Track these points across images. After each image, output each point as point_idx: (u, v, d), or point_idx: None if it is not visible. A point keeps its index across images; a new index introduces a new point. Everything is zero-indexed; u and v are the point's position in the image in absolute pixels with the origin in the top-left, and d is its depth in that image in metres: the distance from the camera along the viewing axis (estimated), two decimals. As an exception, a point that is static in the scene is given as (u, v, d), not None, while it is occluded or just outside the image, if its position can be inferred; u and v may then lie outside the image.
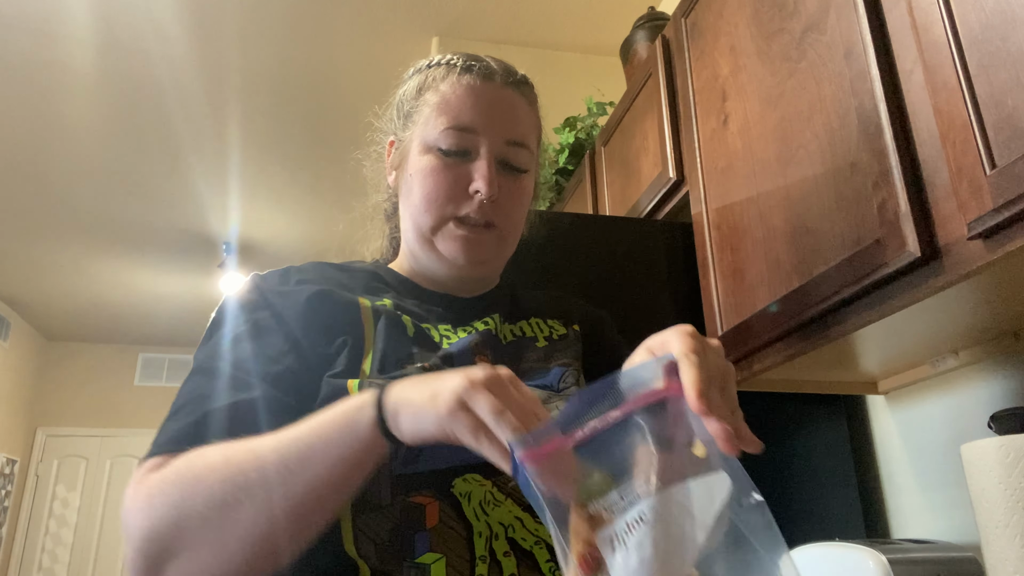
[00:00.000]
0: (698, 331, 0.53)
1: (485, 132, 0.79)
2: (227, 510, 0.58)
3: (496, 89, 0.81)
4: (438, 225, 0.79)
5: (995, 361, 1.18)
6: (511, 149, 0.80)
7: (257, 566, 0.60)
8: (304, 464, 0.57)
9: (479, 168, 0.78)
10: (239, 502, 0.58)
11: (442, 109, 0.80)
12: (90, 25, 2.80)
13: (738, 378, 1.27)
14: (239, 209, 4.27)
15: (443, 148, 0.79)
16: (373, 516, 0.64)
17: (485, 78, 0.81)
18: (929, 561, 1.06)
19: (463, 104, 0.79)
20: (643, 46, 1.98)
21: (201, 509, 0.58)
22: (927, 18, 0.84)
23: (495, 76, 0.82)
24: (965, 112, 0.78)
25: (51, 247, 4.68)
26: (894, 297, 0.92)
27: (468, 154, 0.79)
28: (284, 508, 0.57)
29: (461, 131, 0.79)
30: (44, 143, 3.55)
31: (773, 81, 1.18)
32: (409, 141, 0.84)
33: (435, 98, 0.81)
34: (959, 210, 0.79)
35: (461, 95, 0.80)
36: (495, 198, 0.78)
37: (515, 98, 0.83)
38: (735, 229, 1.28)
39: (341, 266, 0.85)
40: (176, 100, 3.26)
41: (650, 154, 1.67)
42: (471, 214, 0.78)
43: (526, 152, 0.82)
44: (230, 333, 0.73)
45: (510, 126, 0.80)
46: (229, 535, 0.58)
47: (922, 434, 1.34)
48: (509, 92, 0.82)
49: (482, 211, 0.78)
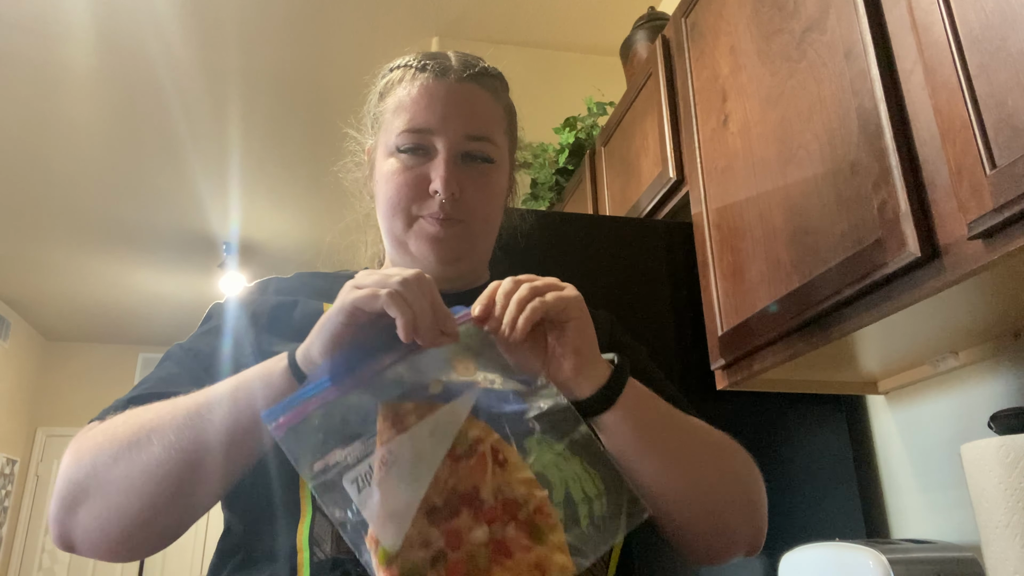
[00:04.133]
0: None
1: (441, 130, 0.79)
2: (136, 449, 0.63)
3: (451, 85, 0.81)
4: (406, 227, 0.80)
5: (995, 361, 1.18)
6: (472, 143, 0.80)
7: (166, 509, 0.64)
8: (215, 409, 0.62)
9: (436, 167, 0.78)
10: (149, 442, 0.62)
11: (399, 112, 0.81)
12: (90, 25, 2.80)
13: (738, 378, 1.27)
14: (239, 209, 4.27)
15: (402, 150, 0.80)
16: None
17: (439, 76, 0.81)
18: (929, 561, 1.06)
19: (417, 105, 0.80)
20: (643, 46, 1.98)
21: (113, 451, 0.64)
22: (927, 18, 0.84)
23: (449, 73, 0.82)
24: (965, 112, 0.78)
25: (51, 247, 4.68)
26: (894, 297, 0.92)
27: (428, 153, 0.80)
28: (192, 449, 0.61)
29: (417, 132, 0.79)
30: (44, 143, 3.55)
31: (773, 81, 1.18)
32: (376, 147, 0.86)
33: (393, 102, 0.83)
34: (959, 210, 0.79)
35: (416, 96, 0.81)
36: (456, 195, 0.78)
37: (473, 91, 0.82)
38: (735, 229, 1.28)
39: (327, 274, 0.87)
40: (176, 100, 3.26)
41: (650, 154, 1.67)
42: (434, 213, 0.78)
43: (489, 144, 0.81)
44: (197, 333, 0.81)
45: (468, 120, 0.80)
46: (136, 473, 0.62)
47: (922, 434, 1.34)
48: (466, 86, 0.82)
49: (444, 209, 0.78)
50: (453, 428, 0.56)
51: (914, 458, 1.36)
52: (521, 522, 0.54)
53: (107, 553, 0.67)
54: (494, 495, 0.54)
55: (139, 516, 0.64)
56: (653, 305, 1.45)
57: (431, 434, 0.55)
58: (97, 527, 0.65)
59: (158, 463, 0.62)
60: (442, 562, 0.52)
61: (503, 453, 0.56)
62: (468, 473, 0.55)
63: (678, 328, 1.44)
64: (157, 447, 0.62)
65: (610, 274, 1.45)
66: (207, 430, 0.62)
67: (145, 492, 0.62)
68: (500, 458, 0.56)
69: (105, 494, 0.64)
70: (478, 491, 0.54)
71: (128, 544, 0.66)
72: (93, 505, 0.64)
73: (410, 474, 0.53)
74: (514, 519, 0.54)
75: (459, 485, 0.54)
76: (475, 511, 0.54)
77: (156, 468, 0.62)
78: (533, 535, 0.53)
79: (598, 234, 1.49)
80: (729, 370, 1.29)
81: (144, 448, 0.62)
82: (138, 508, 0.63)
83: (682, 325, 1.44)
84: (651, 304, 1.45)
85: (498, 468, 0.55)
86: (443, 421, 0.56)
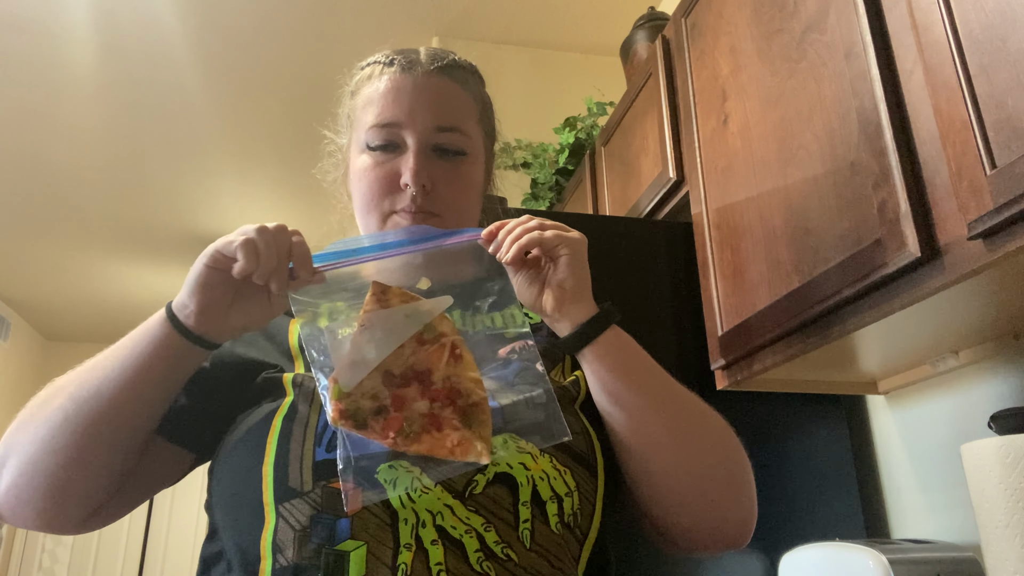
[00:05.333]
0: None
1: (410, 123, 0.79)
2: (45, 405, 0.68)
3: (418, 78, 0.80)
4: (380, 223, 0.80)
5: (995, 361, 1.18)
6: (443, 135, 0.79)
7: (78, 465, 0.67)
8: (108, 359, 0.68)
9: (406, 160, 0.78)
10: (55, 396, 0.68)
11: (367, 108, 0.81)
12: (90, 25, 2.80)
13: (738, 378, 1.27)
14: (239, 209, 4.27)
15: (372, 146, 0.80)
16: (295, 503, 0.63)
17: (406, 69, 0.81)
18: (929, 561, 1.06)
19: (385, 100, 0.80)
20: (643, 46, 1.98)
21: (28, 412, 0.69)
22: (927, 18, 0.84)
23: (416, 66, 0.81)
24: (965, 112, 0.78)
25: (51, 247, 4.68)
26: (894, 297, 0.92)
27: (399, 148, 0.79)
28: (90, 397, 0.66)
29: (386, 127, 0.79)
30: (44, 143, 3.55)
31: (773, 81, 1.18)
32: (349, 145, 0.85)
33: (363, 99, 0.83)
34: (959, 210, 0.79)
35: (383, 91, 0.80)
36: (428, 188, 0.77)
37: (442, 83, 0.81)
38: (735, 229, 1.27)
39: None
40: (177, 100, 3.27)
41: (650, 154, 1.67)
42: (407, 207, 0.78)
43: (460, 136, 0.81)
44: None
45: (437, 112, 0.79)
46: (45, 427, 0.66)
47: (922, 434, 1.34)
48: (434, 79, 0.81)
49: (416, 202, 0.77)
50: (426, 317, 0.65)
51: (914, 458, 1.36)
52: (458, 407, 0.62)
53: (33, 516, 0.69)
54: (443, 380, 0.63)
55: (55, 474, 0.67)
56: (653, 305, 1.45)
57: (406, 316, 0.65)
58: (15, 491, 0.68)
59: (64, 415, 0.66)
60: (383, 415, 0.61)
61: (460, 350, 0.65)
62: (427, 356, 0.64)
63: (678, 328, 1.44)
64: (61, 399, 0.67)
65: (610, 274, 1.45)
66: (102, 379, 0.67)
67: (56, 446, 0.66)
68: (456, 353, 0.64)
69: (20, 452, 0.67)
70: (431, 373, 0.63)
71: (53, 509, 0.69)
72: (12, 467, 0.68)
73: (379, 340, 0.63)
74: (453, 404, 0.62)
75: (417, 364, 0.63)
76: (424, 387, 0.63)
77: (63, 421, 0.66)
78: (464, 420, 0.61)
79: (598, 234, 1.48)
80: (729, 370, 1.29)
81: (51, 402, 0.68)
82: (52, 464, 0.66)
83: (682, 325, 1.44)
84: (651, 304, 1.45)
85: (452, 360, 0.64)
86: (419, 310, 0.65)
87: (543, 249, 0.69)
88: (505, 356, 0.69)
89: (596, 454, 0.70)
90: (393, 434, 0.60)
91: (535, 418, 0.65)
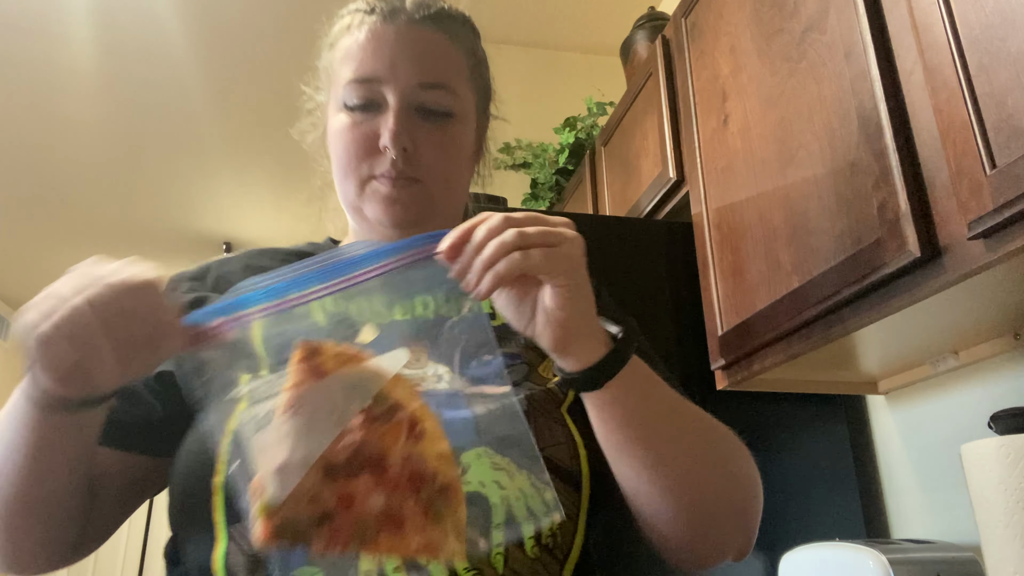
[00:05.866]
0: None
1: (391, 79, 0.70)
2: None
3: (401, 28, 0.72)
4: (359, 189, 0.72)
5: (995, 361, 1.18)
6: (427, 92, 0.71)
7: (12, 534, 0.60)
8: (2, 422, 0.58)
9: (386, 120, 0.70)
10: None
11: (345, 61, 0.73)
12: (90, 25, 2.80)
13: (738, 378, 1.27)
14: (239, 209, 4.27)
15: (349, 104, 0.72)
16: (246, 524, 0.55)
17: (388, 18, 0.73)
18: (929, 561, 1.06)
19: (364, 52, 0.72)
20: (643, 46, 1.98)
21: None
22: (927, 18, 0.84)
23: (400, 14, 0.73)
24: (965, 112, 0.78)
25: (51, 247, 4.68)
26: (894, 297, 0.92)
27: (379, 106, 0.71)
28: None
29: (364, 82, 0.71)
30: (44, 143, 3.55)
31: (773, 81, 1.18)
32: (328, 103, 0.77)
33: (341, 51, 0.75)
34: (959, 210, 0.79)
35: (362, 42, 0.72)
36: (409, 151, 0.70)
37: (429, 34, 0.73)
38: (735, 229, 1.27)
39: (276, 251, 0.79)
40: (177, 100, 3.26)
41: (650, 154, 1.67)
42: (386, 172, 0.70)
43: (446, 93, 0.72)
44: None
45: (421, 67, 0.71)
46: None
47: (922, 434, 1.34)
48: (419, 29, 0.73)
49: (396, 166, 0.70)
50: (375, 386, 0.49)
51: (914, 458, 1.36)
52: (421, 499, 0.48)
53: (6, 568, 0.64)
54: (402, 463, 0.48)
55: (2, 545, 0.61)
56: (653, 305, 1.45)
57: (349, 387, 0.48)
58: None
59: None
60: (327, 523, 0.46)
61: (421, 425, 0.50)
62: (379, 437, 0.48)
63: (678, 328, 1.44)
64: None
65: (610, 274, 1.45)
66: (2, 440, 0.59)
67: None
68: (417, 431, 0.49)
69: None
70: (385, 457, 0.48)
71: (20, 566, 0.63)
72: None
73: (315, 426, 0.47)
74: (416, 493, 0.48)
75: (366, 447, 0.47)
76: (377, 476, 0.47)
77: None
78: (430, 514, 0.48)
79: (598, 234, 1.49)
80: (729, 370, 1.29)
81: None
82: None
83: (682, 325, 1.44)
84: (651, 304, 1.45)
85: (412, 440, 0.49)
86: (365, 376, 0.49)
87: (532, 276, 0.54)
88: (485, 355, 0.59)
89: (581, 464, 0.63)
90: (342, 547, 0.46)
91: (513, 430, 0.57)
